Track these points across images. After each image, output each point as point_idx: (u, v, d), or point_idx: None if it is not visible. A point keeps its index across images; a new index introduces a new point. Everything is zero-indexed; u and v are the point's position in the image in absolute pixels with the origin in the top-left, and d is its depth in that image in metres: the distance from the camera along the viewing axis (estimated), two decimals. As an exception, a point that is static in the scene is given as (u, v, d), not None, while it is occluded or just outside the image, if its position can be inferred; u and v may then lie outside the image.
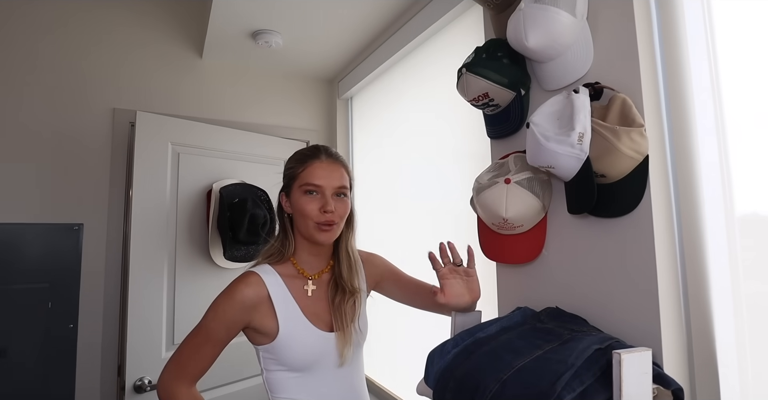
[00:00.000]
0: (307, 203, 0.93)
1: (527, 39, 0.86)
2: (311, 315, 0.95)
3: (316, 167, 0.95)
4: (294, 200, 0.95)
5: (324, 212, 0.92)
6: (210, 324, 0.90)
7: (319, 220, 0.92)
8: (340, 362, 0.95)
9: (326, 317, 0.97)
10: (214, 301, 0.92)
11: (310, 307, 0.96)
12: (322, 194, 0.93)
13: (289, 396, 0.93)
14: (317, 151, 0.98)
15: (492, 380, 0.65)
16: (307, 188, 0.93)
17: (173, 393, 0.88)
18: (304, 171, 0.95)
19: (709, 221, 0.77)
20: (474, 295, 0.92)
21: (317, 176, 0.94)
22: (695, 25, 0.80)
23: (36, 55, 1.74)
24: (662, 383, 0.66)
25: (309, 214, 0.92)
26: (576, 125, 0.75)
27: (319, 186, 0.93)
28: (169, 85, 1.98)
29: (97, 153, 1.80)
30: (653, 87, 0.81)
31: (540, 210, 0.91)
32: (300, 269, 0.99)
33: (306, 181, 0.94)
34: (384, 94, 1.97)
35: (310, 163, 0.95)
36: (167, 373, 0.90)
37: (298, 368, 0.92)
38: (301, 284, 0.98)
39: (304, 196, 0.94)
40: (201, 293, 1.74)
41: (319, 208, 0.92)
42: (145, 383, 1.55)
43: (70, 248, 1.71)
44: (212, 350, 0.90)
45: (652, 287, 0.75)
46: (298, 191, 0.94)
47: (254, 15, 1.69)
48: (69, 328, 1.67)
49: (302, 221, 0.94)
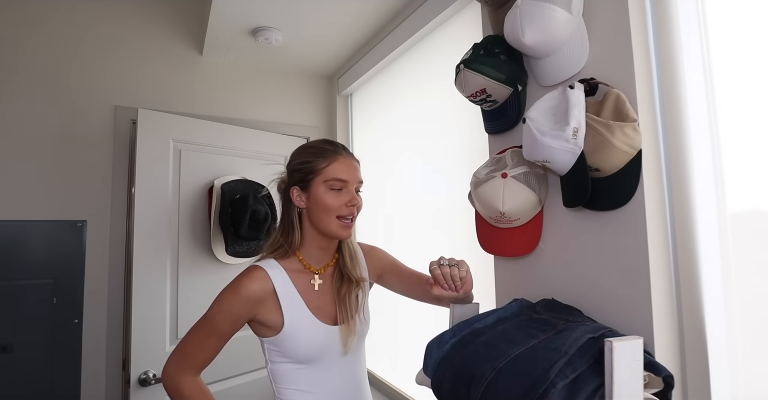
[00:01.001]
0: (333, 197, 0.95)
1: (524, 35, 0.87)
2: (315, 309, 0.96)
3: (341, 163, 0.96)
4: (316, 194, 0.95)
5: (350, 206, 0.95)
6: (215, 317, 0.91)
7: (343, 213, 0.95)
8: (344, 351, 0.97)
9: (330, 310, 0.99)
10: (220, 294, 0.93)
11: (315, 301, 0.98)
12: (347, 189, 0.96)
13: (294, 387, 0.95)
14: (337, 147, 1.00)
15: (488, 368, 0.67)
16: (333, 185, 0.95)
17: (178, 382, 0.90)
18: (329, 166, 0.95)
19: (701, 213, 0.78)
20: (466, 286, 0.90)
21: (343, 172, 0.95)
22: (689, 21, 0.81)
23: (37, 53, 1.75)
24: (653, 370, 0.68)
25: (335, 208, 0.94)
26: (571, 120, 0.76)
27: (345, 181, 0.96)
28: (170, 82, 2.00)
29: (100, 150, 1.82)
30: (647, 83, 0.82)
31: (536, 204, 0.93)
32: (306, 264, 1.00)
33: (333, 176, 0.95)
34: (383, 91, 1.99)
35: (334, 159, 0.96)
36: (172, 363, 0.91)
37: (303, 360, 0.94)
38: (305, 278, 0.99)
39: (330, 191, 0.95)
40: (204, 287, 1.77)
41: (345, 202, 0.95)
42: (150, 376, 1.57)
43: (74, 244, 1.73)
44: (217, 342, 0.92)
45: (645, 278, 0.77)
46: (323, 186, 0.95)
47: (254, 12, 1.70)
48: (74, 323, 1.69)
49: (324, 216, 0.95)
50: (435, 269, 0.86)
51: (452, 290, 0.86)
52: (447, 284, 0.86)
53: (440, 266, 0.86)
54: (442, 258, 0.89)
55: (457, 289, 0.86)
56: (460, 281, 0.85)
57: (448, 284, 0.86)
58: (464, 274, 0.86)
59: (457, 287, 0.86)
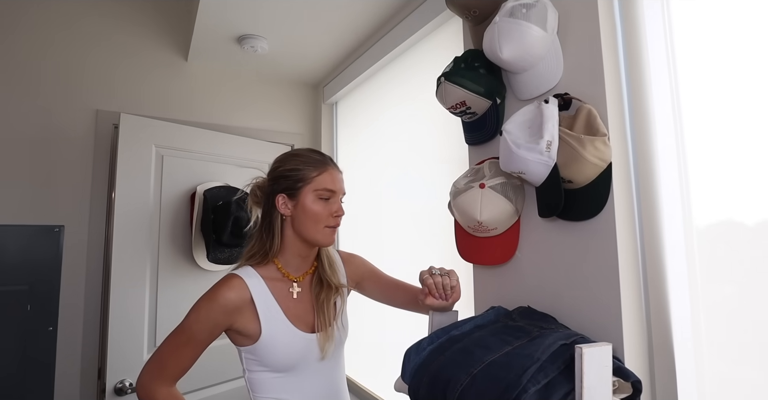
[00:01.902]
0: (322, 207, 0.97)
1: (501, 51, 0.90)
2: (293, 317, 0.96)
3: (330, 174, 0.99)
4: (304, 203, 0.96)
5: (336, 216, 0.98)
6: (192, 325, 0.90)
7: (331, 223, 0.98)
8: (321, 357, 0.97)
9: (308, 318, 0.99)
10: (197, 303, 0.92)
11: (293, 309, 0.98)
12: (334, 199, 0.99)
13: (271, 395, 0.94)
14: (325, 157, 1.02)
15: (463, 374, 0.68)
16: (323, 194, 0.97)
17: (153, 393, 0.89)
18: (319, 176, 0.97)
19: (668, 223, 0.82)
20: (455, 295, 0.92)
21: (333, 182, 0.98)
22: (657, 40, 0.86)
23: (17, 54, 1.73)
24: (622, 375, 0.70)
25: (323, 218, 0.96)
26: (545, 134, 0.79)
27: (334, 192, 0.98)
28: (154, 87, 1.99)
29: (80, 154, 1.80)
30: (617, 98, 0.86)
31: (513, 214, 0.96)
32: (284, 272, 1.00)
33: (324, 186, 0.97)
34: (368, 100, 2.01)
35: (324, 169, 0.98)
36: (147, 373, 0.90)
37: (280, 369, 0.94)
38: (284, 286, 0.99)
39: (319, 200, 0.97)
40: (184, 294, 1.75)
41: (332, 212, 0.97)
42: (126, 385, 1.54)
43: (50, 249, 1.69)
44: (193, 352, 0.91)
45: (615, 286, 0.79)
46: (312, 195, 0.96)
47: (240, 20, 1.71)
48: (48, 330, 1.65)
49: (312, 225, 0.96)
50: (428, 279, 0.89)
51: (443, 299, 0.89)
52: (439, 293, 0.89)
53: (432, 276, 0.89)
54: (432, 268, 0.92)
55: (447, 298, 0.90)
56: (450, 290, 0.89)
57: (439, 293, 0.89)
58: (455, 283, 0.90)
59: (448, 295, 0.89)
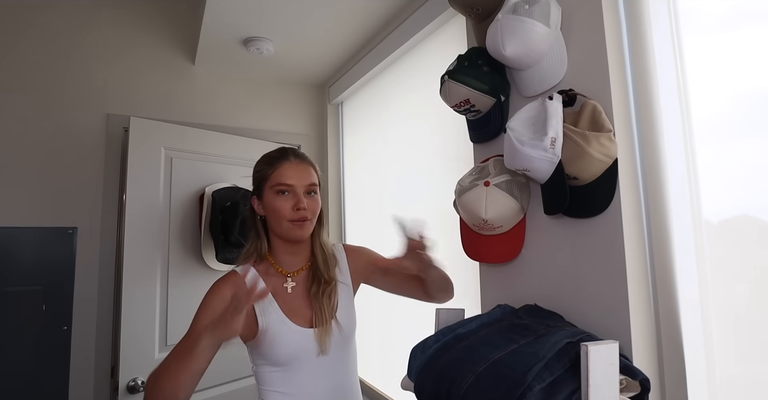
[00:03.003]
0: (280, 202, 0.97)
1: (504, 48, 0.90)
2: (290, 312, 0.98)
3: (286, 168, 0.99)
4: (267, 201, 0.99)
5: (297, 210, 0.96)
6: (201, 322, 0.91)
7: (293, 217, 0.97)
8: (319, 350, 0.97)
9: (306, 313, 1.00)
10: (201, 302, 0.95)
11: (289, 304, 0.99)
12: (293, 193, 0.98)
13: (275, 389, 0.96)
14: (285, 153, 1.02)
15: (468, 372, 0.68)
16: (279, 188, 0.97)
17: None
18: (274, 172, 0.98)
19: (676, 220, 0.81)
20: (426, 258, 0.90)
21: (288, 176, 0.98)
22: (662, 35, 0.85)
23: (32, 60, 1.76)
24: (629, 374, 0.70)
25: (283, 212, 0.96)
26: (549, 130, 0.79)
27: (290, 185, 0.97)
28: (162, 90, 2.01)
29: (91, 157, 1.83)
30: (623, 94, 0.85)
31: (518, 211, 0.95)
32: (278, 268, 1.02)
33: (277, 181, 0.97)
34: (373, 100, 2.02)
35: (279, 165, 0.99)
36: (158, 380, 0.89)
37: (279, 363, 0.96)
38: (279, 281, 1.01)
39: (276, 196, 0.97)
40: (194, 294, 1.75)
41: (291, 206, 0.97)
42: (138, 383, 1.57)
43: (64, 251, 1.73)
44: None
45: (622, 284, 0.79)
46: (270, 192, 0.98)
47: (246, 23, 1.72)
48: (63, 330, 1.69)
49: (276, 221, 0.98)
50: None
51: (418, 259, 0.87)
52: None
53: None
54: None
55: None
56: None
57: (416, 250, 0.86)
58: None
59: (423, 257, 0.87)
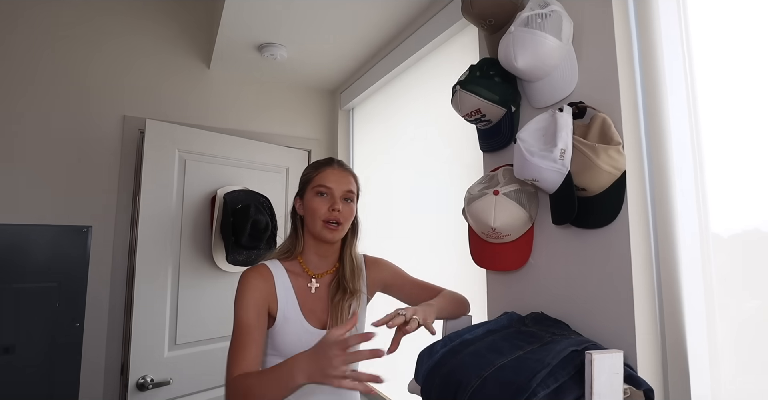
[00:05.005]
0: (318, 202, 1.04)
1: (516, 60, 0.92)
2: (307, 310, 1.02)
3: (329, 173, 1.07)
4: (307, 200, 1.06)
5: (332, 210, 1.02)
6: (242, 315, 0.94)
7: (328, 218, 1.02)
8: None
9: (322, 315, 1.04)
10: (236, 296, 0.97)
11: (308, 303, 1.03)
12: (331, 195, 1.04)
13: None
14: (331, 161, 1.11)
15: (474, 377, 0.70)
16: (319, 190, 1.05)
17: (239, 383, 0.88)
18: (317, 175, 1.07)
19: (683, 233, 0.82)
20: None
21: (329, 180, 1.05)
22: (673, 49, 0.86)
23: (51, 62, 1.81)
24: (633, 383, 0.71)
25: (318, 212, 1.03)
26: (558, 142, 0.80)
27: (329, 188, 1.04)
28: (178, 94, 2.06)
29: (107, 158, 1.87)
30: (632, 107, 0.87)
31: (527, 220, 0.97)
32: (305, 268, 1.07)
33: (319, 183, 1.05)
34: (384, 107, 2.04)
35: (323, 169, 1.07)
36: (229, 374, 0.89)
37: (283, 355, 0.96)
38: (303, 281, 1.06)
39: (316, 196, 1.05)
40: (203, 294, 1.80)
41: (328, 207, 1.03)
42: (148, 381, 1.59)
43: (78, 249, 1.76)
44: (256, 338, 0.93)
45: (628, 295, 0.80)
46: (311, 193, 1.06)
47: (261, 29, 1.76)
48: (75, 326, 1.72)
49: (311, 220, 1.04)
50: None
51: None
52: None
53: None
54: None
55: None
56: None
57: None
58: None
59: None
